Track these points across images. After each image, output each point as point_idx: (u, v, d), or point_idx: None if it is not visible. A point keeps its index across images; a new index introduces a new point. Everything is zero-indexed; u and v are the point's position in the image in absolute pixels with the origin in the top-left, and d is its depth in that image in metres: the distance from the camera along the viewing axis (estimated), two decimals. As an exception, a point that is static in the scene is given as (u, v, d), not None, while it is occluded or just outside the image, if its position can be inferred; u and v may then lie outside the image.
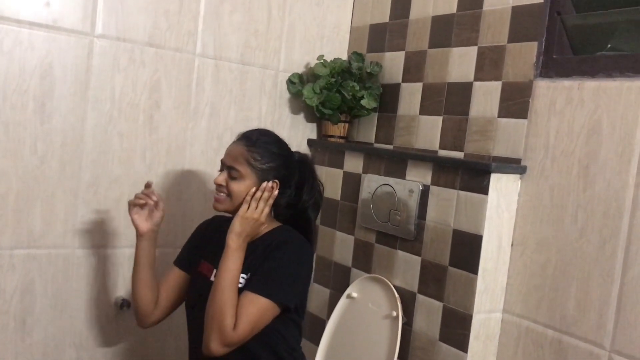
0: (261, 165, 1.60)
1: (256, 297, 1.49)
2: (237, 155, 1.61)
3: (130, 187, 2.01)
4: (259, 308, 1.49)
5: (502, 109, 1.81)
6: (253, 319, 1.48)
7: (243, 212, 1.56)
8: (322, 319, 2.23)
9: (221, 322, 1.46)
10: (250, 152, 1.60)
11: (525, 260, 1.72)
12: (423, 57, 2.09)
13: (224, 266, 1.52)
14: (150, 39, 1.99)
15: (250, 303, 1.49)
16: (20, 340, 1.90)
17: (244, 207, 1.57)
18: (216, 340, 1.46)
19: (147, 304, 1.70)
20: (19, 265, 1.87)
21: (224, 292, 1.49)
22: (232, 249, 1.54)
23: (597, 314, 1.54)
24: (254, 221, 1.56)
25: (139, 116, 2.00)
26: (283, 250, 1.56)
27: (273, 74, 2.26)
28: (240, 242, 1.55)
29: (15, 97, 1.80)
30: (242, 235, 1.55)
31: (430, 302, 1.83)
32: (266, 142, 1.64)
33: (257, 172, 1.60)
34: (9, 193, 1.83)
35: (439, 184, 1.83)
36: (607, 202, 1.54)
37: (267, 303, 1.50)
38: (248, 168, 1.59)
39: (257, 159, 1.60)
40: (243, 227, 1.55)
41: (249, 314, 1.48)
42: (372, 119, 2.29)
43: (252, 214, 1.56)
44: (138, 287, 1.70)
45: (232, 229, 1.56)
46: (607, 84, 1.56)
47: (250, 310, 1.48)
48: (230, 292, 1.49)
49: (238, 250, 1.54)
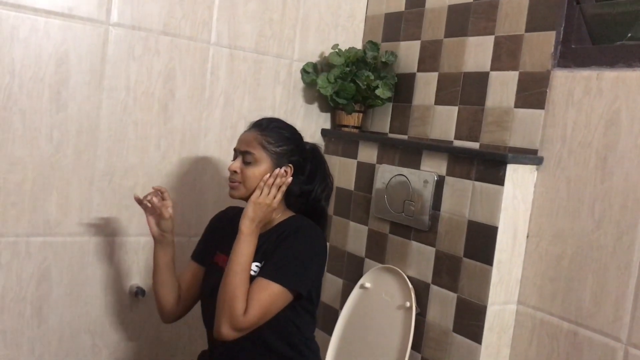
0: (275, 149, 1.60)
1: (268, 283, 1.49)
2: (251, 140, 1.61)
3: (145, 175, 2.01)
4: (270, 294, 1.49)
5: (519, 99, 1.79)
6: (264, 304, 1.48)
7: (256, 198, 1.56)
8: (335, 309, 2.23)
9: (232, 306, 1.46)
10: (263, 136, 1.61)
11: (540, 252, 1.71)
12: (439, 47, 2.07)
13: (236, 251, 1.52)
14: (165, 28, 1.99)
15: (262, 289, 1.49)
16: (37, 326, 1.92)
17: (257, 193, 1.57)
18: (227, 324, 1.47)
19: (168, 302, 1.72)
20: (35, 252, 1.88)
21: (236, 277, 1.49)
22: (245, 234, 1.53)
23: (614, 306, 1.53)
24: (267, 207, 1.56)
25: (154, 105, 2.01)
26: (295, 237, 1.56)
27: (287, 63, 2.25)
28: (252, 228, 1.54)
29: (31, 85, 1.81)
30: (254, 221, 1.55)
31: (444, 293, 1.82)
32: (278, 127, 1.66)
33: (272, 155, 1.60)
34: (25, 181, 1.84)
35: (454, 175, 1.81)
36: (625, 194, 1.53)
37: (278, 289, 1.50)
38: (263, 152, 1.60)
39: (271, 142, 1.60)
40: (256, 213, 1.55)
41: (260, 300, 1.48)
42: (387, 108, 2.27)
43: (264, 200, 1.56)
44: (157, 288, 1.72)
45: (245, 214, 1.55)
46: (626, 74, 1.54)
47: (261, 295, 1.48)
48: (242, 277, 1.49)
49: (250, 235, 1.54)
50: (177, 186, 2.09)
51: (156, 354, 2.14)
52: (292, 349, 1.60)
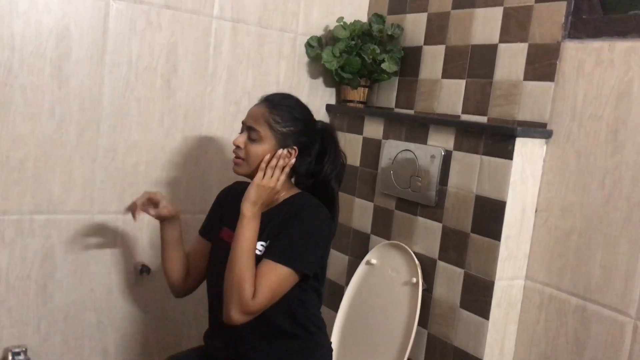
0: (281, 129, 1.57)
1: (275, 265, 1.48)
2: (258, 117, 1.58)
3: (148, 152, 1.99)
4: (278, 276, 1.48)
5: (528, 71, 1.75)
6: (272, 286, 1.47)
7: (258, 180, 1.54)
8: (341, 286, 2.22)
9: (240, 291, 1.45)
10: (271, 114, 1.57)
11: (549, 226, 1.69)
12: (446, 19, 2.03)
13: (240, 235, 1.50)
14: (167, 1, 1.95)
15: (269, 271, 1.47)
16: (42, 304, 1.92)
17: (260, 175, 1.54)
18: (236, 309, 1.45)
19: (178, 278, 1.74)
20: (39, 230, 1.87)
21: (241, 261, 1.47)
22: (247, 217, 1.51)
23: (623, 281, 1.51)
24: (270, 189, 1.54)
25: (157, 80, 1.98)
26: (301, 217, 1.54)
27: (292, 37, 2.22)
28: (254, 211, 1.52)
29: (32, 60, 1.78)
30: (257, 204, 1.52)
31: (451, 269, 1.81)
32: (288, 106, 1.61)
33: (277, 135, 1.57)
34: (28, 158, 1.82)
35: (462, 150, 1.79)
36: (636, 168, 1.50)
37: (286, 271, 1.49)
38: (268, 130, 1.56)
39: (278, 122, 1.57)
40: (258, 195, 1.53)
41: (269, 282, 1.46)
42: (393, 83, 2.24)
43: (267, 182, 1.53)
44: (167, 265, 1.73)
45: (247, 197, 1.53)
46: (639, 45, 1.50)
47: (269, 278, 1.47)
48: (248, 261, 1.47)
49: (252, 218, 1.51)
50: (181, 162, 2.07)
51: (162, 331, 2.14)
52: (298, 326, 1.59)
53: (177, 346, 2.13)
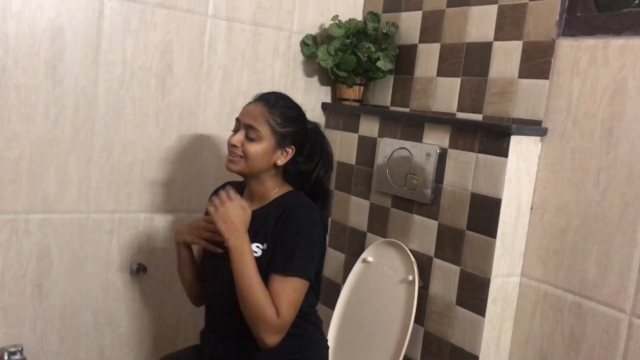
0: (281, 129, 1.57)
1: (287, 279, 1.49)
2: (258, 116, 1.57)
3: (144, 151, 1.99)
4: (294, 289, 1.49)
5: (523, 69, 1.76)
6: (292, 300, 1.49)
7: (216, 219, 1.51)
8: (338, 284, 2.22)
9: (263, 318, 1.45)
10: (271, 113, 1.57)
11: (544, 224, 1.69)
12: (441, 17, 2.03)
13: (237, 269, 1.48)
14: (162, 0, 1.95)
15: (284, 287, 1.48)
16: (38, 304, 1.92)
17: (212, 211, 1.53)
18: (267, 334, 1.46)
19: (197, 290, 1.74)
20: (35, 230, 1.87)
21: (251, 290, 1.46)
22: (234, 248, 1.49)
23: (618, 277, 1.52)
24: (228, 210, 1.51)
25: (151, 79, 1.97)
26: (297, 223, 1.53)
27: (286, 35, 2.21)
28: (236, 236, 1.49)
29: (26, 59, 1.77)
30: (231, 231, 1.50)
31: (447, 266, 1.81)
32: (286, 106, 1.62)
33: (277, 135, 1.57)
34: (23, 157, 1.81)
35: (457, 147, 1.79)
36: (630, 165, 1.50)
37: (300, 282, 1.50)
38: (268, 129, 1.56)
39: (278, 122, 1.57)
40: (226, 225, 1.50)
41: (287, 297, 1.48)
42: (388, 81, 2.24)
43: (224, 210, 1.51)
44: (188, 283, 1.74)
45: (222, 234, 1.51)
46: (634, 42, 1.51)
47: (287, 293, 1.48)
48: (257, 288, 1.46)
49: (239, 246, 1.49)
50: (177, 161, 2.06)
51: (159, 330, 2.14)
52: (294, 324, 1.59)
53: (174, 345, 2.13)
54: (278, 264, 1.51)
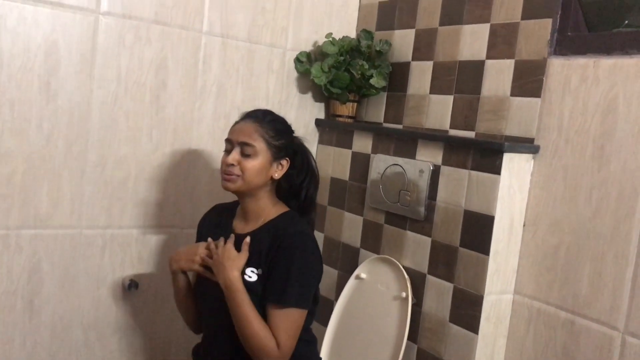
0: (275, 142, 1.58)
1: (285, 311, 1.50)
2: (251, 132, 1.58)
3: (137, 166, 1.99)
4: (293, 320, 1.51)
5: (515, 87, 1.77)
6: (291, 331, 1.50)
7: (212, 265, 1.56)
8: (331, 300, 2.22)
9: (264, 351, 1.47)
10: (263, 128, 1.59)
11: (537, 241, 1.70)
12: (433, 35, 2.05)
13: (233, 308, 1.50)
14: (157, 17, 1.96)
15: (284, 319, 1.49)
16: (28, 320, 1.90)
17: (210, 263, 1.56)
18: None
19: (195, 317, 1.74)
20: (26, 245, 1.86)
21: (249, 329, 1.48)
22: (226, 287, 1.51)
23: (611, 295, 1.52)
24: (224, 253, 1.54)
25: (145, 95, 1.98)
26: (293, 252, 1.53)
27: (281, 52, 2.23)
28: (228, 276, 1.51)
29: (20, 75, 1.77)
30: (225, 270, 1.51)
31: (440, 283, 1.81)
32: (274, 120, 1.64)
33: (272, 148, 1.58)
34: (15, 173, 1.81)
35: (450, 164, 1.80)
36: (622, 183, 1.52)
37: (297, 312, 1.51)
38: (264, 144, 1.57)
39: (272, 135, 1.59)
40: (219, 265, 1.53)
41: (287, 329, 1.49)
42: (381, 98, 2.25)
43: (217, 253, 1.55)
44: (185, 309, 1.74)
45: (216, 275, 1.54)
46: (623, 62, 1.53)
47: (286, 325, 1.49)
48: (254, 323, 1.48)
49: (230, 286, 1.50)
50: (170, 177, 2.06)
51: (150, 347, 2.12)
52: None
53: (165, 362, 2.11)
54: (273, 293, 1.51)
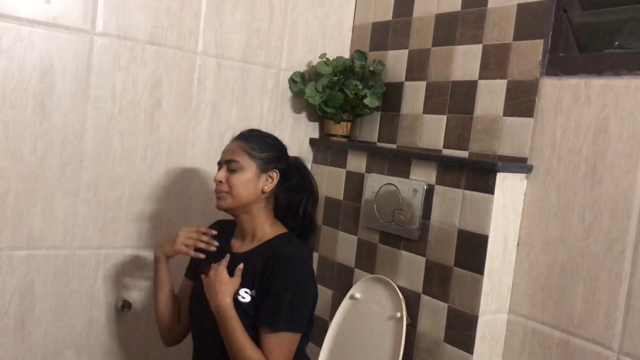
0: (260, 154, 1.61)
1: (279, 335, 1.50)
2: (235, 149, 1.62)
3: (131, 186, 1.99)
4: (285, 344, 1.51)
5: (508, 107, 1.79)
6: (285, 355, 1.50)
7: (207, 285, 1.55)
8: (325, 320, 2.20)
9: None
10: (247, 143, 1.62)
11: (531, 260, 1.70)
12: (427, 56, 2.07)
13: (225, 333, 1.50)
14: (152, 37, 1.97)
15: (277, 343, 1.49)
16: (20, 342, 1.88)
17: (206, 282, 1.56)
18: None
19: (172, 320, 1.73)
20: (19, 266, 1.85)
21: (240, 353, 1.48)
22: (217, 313, 1.51)
23: (605, 314, 1.52)
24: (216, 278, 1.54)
25: (140, 115, 1.98)
26: (286, 275, 1.53)
27: (275, 72, 2.24)
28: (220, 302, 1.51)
29: (15, 95, 1.78)
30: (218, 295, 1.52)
31: (435, 303, 1.81)
32: (260, 135, 1.68)
33: (257, 161, 1.60)
34: (9, 193, 1.80)
35: (444, 184, 1.80)
36: (614, 202, 1.52)
37: (289, 336, 1.51)
38: (247, 158, 1.59)
39: (255, 148, 1.61)
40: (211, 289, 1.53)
41: (280, 354, 1.49)
42: (375, 117, 2.26)
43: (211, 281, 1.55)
44: (162, 307, 1.72)
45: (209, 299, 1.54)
46: (614, 82, 1.54)
47: (279, 350, 1.49)
48: (246, 348, 1.48)
49: (222, 312, 1.51)
50: (164, 197, 2.06)
51: (143, 368, 2.10)
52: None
53: (158, 384, 2.09)
54: (266, 317, 1.51)
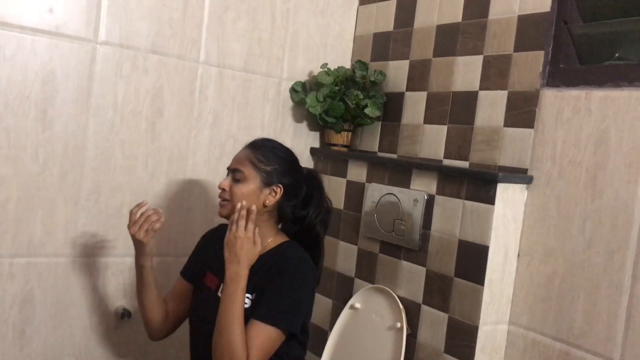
0: (265, 167, 1.59)
1: (265, 327, 1.48)
2: (242, 158, 1.61)
3: (132, 195, 1.99)
4: (269, 338, 1.49)
5: (508, 118, 1.79)
6: (263, 348, 1.48)
7: (227, 239, 1.54)
8: (325, 330, 2.20)
9: (232, 358, 1.43)
10: (255, 154, 1.61)
11: (531, 271, 1.70)
12: (427, 66, 2.08)
13: (226, 301, 1.48)
14: (154, 46, 1.98)
15: (260, 333, 1.48)
16: (19, 350, 1.87)
17: (227, 234, 1.54)
18: None
19: (157, 318, 1.70)
20: (19, 274, 1.84)
21: (231, 327, 1.45)
22: (230, 279, 1.50)
23: (606, 325, 1.52)
24: (240, 240, 1.51)
25: (142, 124, 1.99)
26: (287, 274, 1.54)
27: (276, 82, 2.25)
28: (237, 270, 1.50)
29: (17, 103, 1.78)
30: (234, 262, 1.50)
31: (435, 314, 1.80)
32: (272, 147, 1.65)
33: (261, 174, 1.58)
34: (9, 201, 1.80)
35: (444, 194, 1.81)
36: (615, 213, 1.53)
37: (275, 332, 1.50)
38: (252, 169, 1.58)
39: (262, 160, 1.59)
40: (232, 252, 1.51)
41: (259, 344, 1.47)
42: (376, 127, 2.27)
43: (233, 235, 1.52)
44: (147, 305, 1.69)
45: (225, 258, 1.52)
46: (614, 94, 1.55)
47: (259, 340, 1.47)
48: (237, 326, 1.46)
49: (236, 279, 1.49)
50: (165, 205, 2.06)
51: (142, 377, 2.09)
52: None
53: (157, 393, 2.09)
54: (261, 310, 1.50)
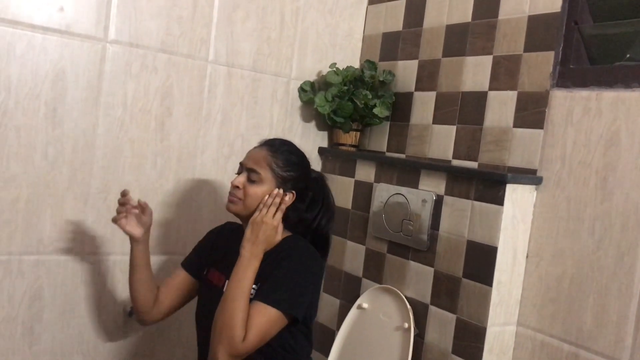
0: (282, 173, 1.59)
1: (265, 307, 1.47)
2: (260, 159, 1.60)
3: (141, 193, 1.99)
4: (268, 319, 1.47)
5: (518, 119, 1.79)
6: (262, 329, 1.46)
7: (253, 218, 1.55)
8: (332, 330, 2.20)
9: (231, 333, 1.43)
10: (273, 157, 1.60)
11: (540, 272, 1.69)
12: (437, 66, 2.07)
13: (236, 276, 1.50)
14: (163, 45, 1.98)
15: (259, 313, 1.47)
16: (28, 347, 1.88)
17: (256, 214, 1.55)
18: (224, 350, 1.44)
19: (146, 303, 1.72)
20: (28, 271, 1.85)
21: (235, 302, 1.46)
22: (245, 257, 1.51)
23: (615, 328, 1.51)
24: (266, 225, 1.54)
25: (151, 122, 1.99)
26: (291, 259, 1.54)
27: (285, 81, 2.25)
28: (253, 250, 1.52)
29: (27, 101, 1.79)
30: (254, 243, 1.52)
31: (443, 314, 1.80)
32: (289, 151, 1.64)
33: (278, 178, 1.59)
34: (19, 198, 1.81)
35: (453, 194, 1.80)
36: (625, 214, 1.52)
37: (276, 313, 1.48)
38: (269, 173, 1.58)
39: (280, 165, 1.59)
40: (254, 233, 1.53)
41: (259, 325, 1.46)
42: (384, 127, 2.27)
43: (263, 218, 1.54)
44: (136, 288, 1.71)
45: (245, 237, 1.54)
46: (625, 95, 1.54)
47: (259, 320, 1.46)
48: (242, 303, 1.46)
49: (251, 259, 1.51)
50: (173, 204, 2.07)
51: (150, 375, 2.10)
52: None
53: (165, 391, 2.09)
54: (262, 292, 1.50)
